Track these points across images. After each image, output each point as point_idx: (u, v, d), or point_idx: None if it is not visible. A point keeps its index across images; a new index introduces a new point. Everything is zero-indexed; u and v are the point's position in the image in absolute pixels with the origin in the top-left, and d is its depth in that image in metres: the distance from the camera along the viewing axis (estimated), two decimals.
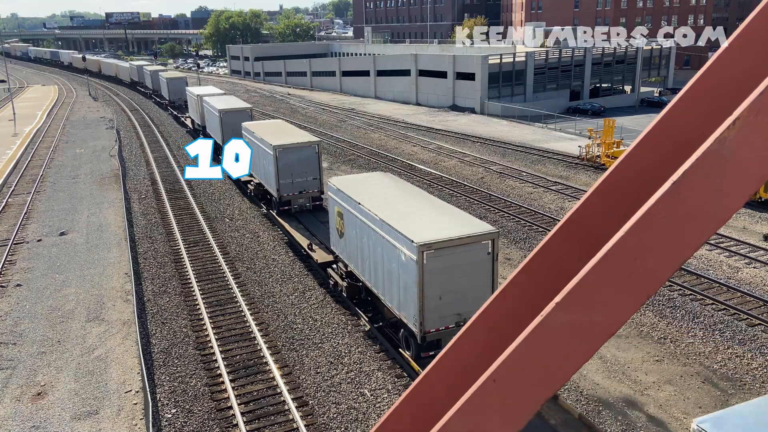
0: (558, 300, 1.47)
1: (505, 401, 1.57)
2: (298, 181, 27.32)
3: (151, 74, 77.50)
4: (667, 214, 1.37)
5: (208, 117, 42.86)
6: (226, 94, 48.13)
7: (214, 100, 41.85)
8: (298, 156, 27.21)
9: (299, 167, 27.29)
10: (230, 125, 36.76)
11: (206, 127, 44.43)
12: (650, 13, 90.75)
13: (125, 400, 15.66)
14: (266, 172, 28.66)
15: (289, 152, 26.93)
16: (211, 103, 40.84)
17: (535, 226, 27.69)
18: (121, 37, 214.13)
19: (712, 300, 19.93)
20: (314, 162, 27.50)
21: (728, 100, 1.46)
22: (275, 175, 26.94)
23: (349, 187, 19.14)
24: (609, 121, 38.22)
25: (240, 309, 20.38)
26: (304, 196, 27.61)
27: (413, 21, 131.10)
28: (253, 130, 30.89)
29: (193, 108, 49.96)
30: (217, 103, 40.48)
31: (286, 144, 27.01)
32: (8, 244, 27.01)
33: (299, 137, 28.90)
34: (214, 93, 47.56)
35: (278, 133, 29.83)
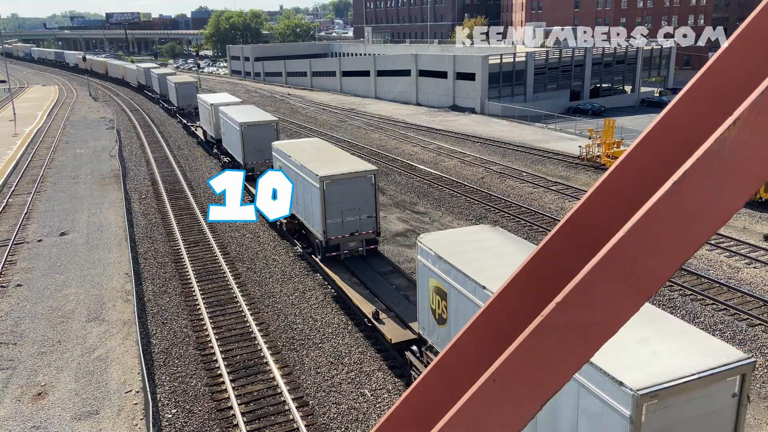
0: (558, 300, 1.46)
1: (506, 402, 1.57)
2: (350, 220, 21.83)
3: (158, 78, 71.35)
4: (668, 215, 1.37)
5: (225, 130, 37.97)
6: (244, 104, 43.96)
7: (233, 111, 36.86)
8: (351, 189, 21.68)
9: (351, 203, 21.77)
10: (253, 141, 32.92)
11: (222, 141, 39.79)
12: (650, 13, 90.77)
13: (125, 400, 15.67)
14: (307, 208, 23.12)
15: (339, 185, 21.37)
16: (230, 115, 35.90)
17: (536, 226, 27.69)
18: (121, 38, 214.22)
19: (713, 300, 19.94)
20: (370, 196, 21.99)
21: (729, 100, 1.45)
22: (321, 213, 21.31)
23: (453, 254, 13.62)
24: (609, 121, 38.22)
25: (240, 309, 20.39)
26: (356, 238, 22.15)
27: (413, 21, 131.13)
28: (289, 153, 24.86)
29: (205, 118, 44.92)
30: (236, 114, 35.50)
31: (335, 174, 21.41)
32: (9, 244, 27.02)
33: (350, 165, 23.00)
34: (230, 102, 42.63)
35: (321, 157, 24.08)
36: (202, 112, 47.03)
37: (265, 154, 31.45)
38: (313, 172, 21.63)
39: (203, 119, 46.68)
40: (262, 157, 32.50)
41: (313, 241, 23.25)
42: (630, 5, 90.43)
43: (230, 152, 37.17)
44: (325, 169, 21.64)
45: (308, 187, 22.42)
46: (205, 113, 44.69)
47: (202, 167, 41.38)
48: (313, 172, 21.63)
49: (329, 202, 21.18)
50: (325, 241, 21.52)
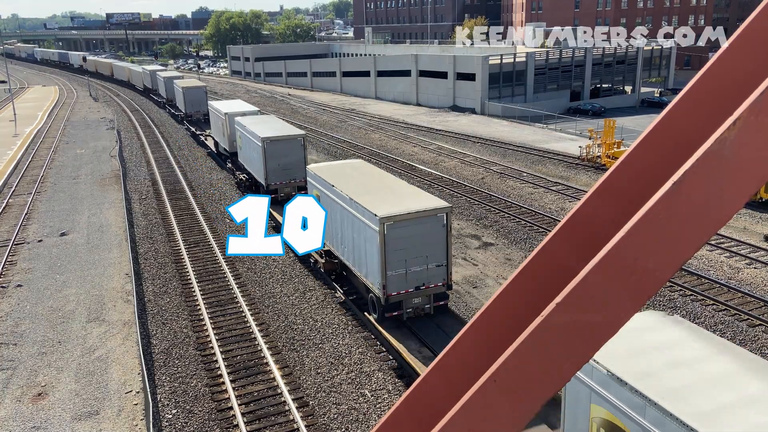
0: (558, 300, 1.47)
1: (506, 402, 1.57)
2: (416, 271, 17.15)
3: (164, 81, 65.50)
4: (668, 215, 1.37)
5: (243, 144, 33.14)
6: (262, 113, 40.00)
7: (253, 123, 32.19)
8: (417, 231, 16.93)
9: (418, 249, 17.03)
10: (277, 159, 28.48)
11: (238, 156, 35.13)
12: (650, 13, 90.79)
13: (126, 401, 15.67)
14: (357, 250, 18.42)
15: (403, 227, 16.71)
16: (249, 128, 31.02)
17: (536, 226, 27.69)
18: (121, 38, 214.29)
19: (713, 301, 19.93)
20: (440, 240, 17.22)
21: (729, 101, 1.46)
22: (380, 262, 16.76)
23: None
24: (609, 121, 38.22)
25: (240, 309, 20.39)
26: (422, 293, 17.58)
27: (414, 21, 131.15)
28: (331, 180, 20.02)
29: (218, 128, 40.31)
30: (257, 127, 30.75)
31: (398, 215, 16.63)
32: (9, 244, 27.03)
33: (416, 200, 17.78)
34: (247, 111, 37.83)
35: (375, 188, 19.23)
36: (213, 121, 42.24)
37: (291, 173, 28.47)
38: (368, 209, 17.06)
39: (215, 129, 42.10)
40: (287, 176, 28.68)
41: (366, 295, 19.02)
42: (630, 5, 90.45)
43: (248, 169, 32.58)
44: (384, 206, 17.07)
45: (358, 227, 17.99)
46: (218, 123, 39.97)
47: (202, 167, 41.39)
48: (368, 210, 17.05)
49: (391, 248, 16.69)
50: (385, 298, 17.11)
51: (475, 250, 25.35)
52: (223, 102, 45.48)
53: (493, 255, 24.79)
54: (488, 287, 21.83)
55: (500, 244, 25.96)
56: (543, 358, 1.50)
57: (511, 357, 1.51)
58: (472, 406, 1.57)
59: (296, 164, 28.51)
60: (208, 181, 37.65)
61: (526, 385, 1.53)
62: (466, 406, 1.57)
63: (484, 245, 25.84)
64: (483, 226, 28.07)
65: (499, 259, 24.41)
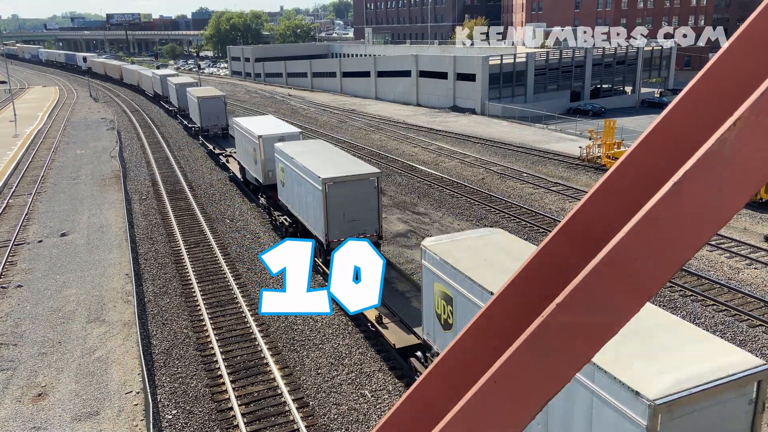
0: (558, 301, 1.46)
1: (506, 402, 1.57)
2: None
3: (177, 89, 57.75)
4: (668, 215, 1.37)
5: (288, 181, 24.67)
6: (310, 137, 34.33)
7: (301, 154, 23.80)
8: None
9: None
10: (343, 207, 20.87)
11: (279, 193, 26.70)
12: (650, 13, 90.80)
13: (126, 401, 15.67)
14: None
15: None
16: (298, 160, 22.95)
17: (536, 226, 27.69)
18: (121, 38, 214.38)
19: (713, 301, 19.92)
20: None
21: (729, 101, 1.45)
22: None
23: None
24: (609, 121, 38.22)
25: (240, 310, 20.39)
26: None
27: (414, 22, 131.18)
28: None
29: (246, 152, 31.89)
30: (310, 160, 22.70)
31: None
32: (9, 245, 27.03)
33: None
34: (287, 133, 29.25)
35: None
36: (240, 143, 33.75)
37: (361, 226, 21.35)
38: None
39: (242, 152, 33.60)
40: (355, 229, 21.17)
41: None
42: (630, 6, 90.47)
43: (295, 213, 24.55)
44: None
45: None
46: (247, 146, 31.55)
47: (202, 168, 41.40)
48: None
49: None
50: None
51: None
52: (252, 120, 35.41)
53: None
54: None
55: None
56: (543, 359, 1.50)
57: (511, 357, 1.51)
58: (472, 407, 1.57)
59: (368, 213, 21.57)
60: (208, 181, 37.65)
61: (527, 386, 1.53)
62: (466, 407, 1.57)
63: None
64: (483, 227, 28.07)
65: None
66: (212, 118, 46.61)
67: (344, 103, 74.24)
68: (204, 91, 50.92)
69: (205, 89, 53.53)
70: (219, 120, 46.72)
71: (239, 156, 34.89)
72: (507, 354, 1.51)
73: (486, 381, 1.53)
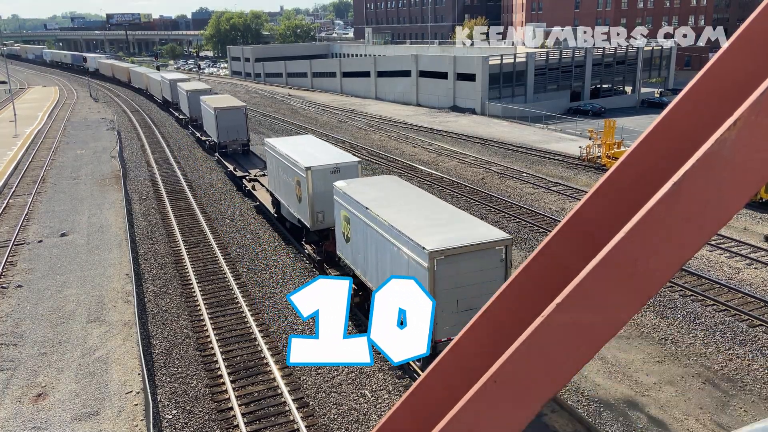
0: (558, 301, 1.46)
1: (507, 402, 1.57)
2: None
3: (188, 96, 49.73)
4: (668, 215, 1.37)
5: (360, 238, 17.82)
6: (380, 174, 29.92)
7: (377, 198, 17.71)
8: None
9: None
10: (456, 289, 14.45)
11: (341, 252, 19.91)
12: (650, 13, 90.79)
13: (126, 401, 15.67)
14: None
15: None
16: (379, 213, 16.24)
17: (536, 226, 27.69)
18: (121, 38, 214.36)
19: (713, 301, 19.92)
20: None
21: (729, 101, 1.45)
22: None
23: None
24: (609, 121, 38.22)
25: (241, 310, 20.39)
26: None
27: (414, 22, 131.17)
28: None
29: (285, 185, 24.95)
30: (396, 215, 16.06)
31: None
32: (9, 245, 27.03)
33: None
34: (343, 162, 22.35)
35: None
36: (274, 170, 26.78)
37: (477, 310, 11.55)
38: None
39: (277, 181, 26.59)
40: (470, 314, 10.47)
41: None
42: (630, 6, 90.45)
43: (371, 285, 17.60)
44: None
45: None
46: (285, 176, 24.74)
47: (202, 168, 41.39)
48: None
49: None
50: None
51: None
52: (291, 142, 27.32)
53: None
54: None
55: None
56: (543, 359, 1.50)
57: (511, 357, 1.51)
58: (472, 407, 1.57)
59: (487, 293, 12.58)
60: (208, 181, 37.65)
61: (527, 386, 1.53)
62: (467, 407, 1.57)
63: None
64: (482, 217, 28.06)
65: None
66: (231, 132, 39.45)
67: (344, 103, 74.24)
68: (221, 101, 43.19)
69: (223, 98, 45.85)
70: (239, 135, 39.45)
71: (273, 186, 27.74)
72: (507, 354, 1.51)
73: (486, 381, 1.53)
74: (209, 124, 42.40)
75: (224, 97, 47.67)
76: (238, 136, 39.67)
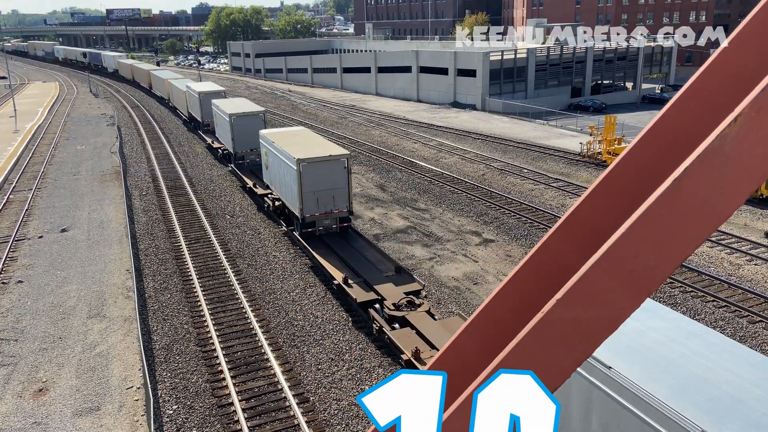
0: (559, 297, 1.47)
1: None
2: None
3: (232, 122, 35.60)
4: (669, 211, 1.37)
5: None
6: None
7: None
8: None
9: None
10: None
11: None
12: (652, 9, 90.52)
13: (126, 397, 15.70)
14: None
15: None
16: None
17: (536, 223, 27.68)
18: (121, 34, 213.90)
19: (713, 297, 19.93)
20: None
21: (729, 97, 1.45)
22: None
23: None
24: (610, 117, 38.17)
25: (241, 306, 20.41)
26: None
27: (414, 17, 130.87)
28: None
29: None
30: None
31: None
32: (9, 240, 27.04)
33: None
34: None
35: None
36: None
37: None
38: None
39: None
40: None
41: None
42: (631, 1, 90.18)
43: None
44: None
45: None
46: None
47: (202, 164, 41.35)
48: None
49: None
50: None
51: (475, 246, 25.34)
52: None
53: (493, 251, 24.79)
54: (489, 284, 21.84)
55: (501, 240, 25.96)
56: (543, 354, 1.50)
57: (512, 352, 1.51)
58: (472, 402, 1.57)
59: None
60: (209, 177, 37.63)
61: None
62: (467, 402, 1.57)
63: (485, 242, 25.83)
64: (483, 223, 28.07)
65: (499, 255, 24.41)
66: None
67: (344, 98, 74.13)
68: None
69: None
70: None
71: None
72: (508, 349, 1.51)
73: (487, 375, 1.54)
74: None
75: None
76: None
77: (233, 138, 35.98)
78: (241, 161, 36.26)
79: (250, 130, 34.31)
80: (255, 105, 39.99)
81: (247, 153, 36.08)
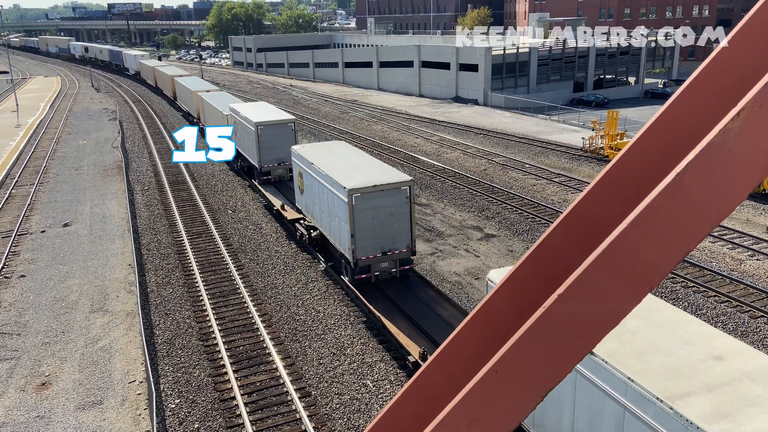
0: (560, 292, 1.46)
1: (507, 393, 1.57)
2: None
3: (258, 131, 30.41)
4: (671, 206, 1.37)
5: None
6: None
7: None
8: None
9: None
10: None
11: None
12: (654, 3, 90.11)
13: (129, 391, 15.76)
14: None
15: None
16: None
17: (538, 218, 27.67)
18: (123, 28, 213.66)
19: (715, 292, 19.92)
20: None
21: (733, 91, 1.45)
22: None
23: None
24: (612, 112, 38.08)
25: (243, 300, 20.45)
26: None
27: (416, 12, 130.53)
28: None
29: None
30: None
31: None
32: (12, 235, 27.10)
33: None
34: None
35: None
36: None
37: None
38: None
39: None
40: None
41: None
42: None
43: None
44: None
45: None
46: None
47: (207, 163, 41.35)
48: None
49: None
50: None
51: (477, 241, 25.35)
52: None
53: (495, 246, 24.79)
54: None
55: (502, 235, 25.96)
56: (544, 350, 1.50)
57: (512, 348, 1.51)
58: (473, 398, 1.57)
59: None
60: (210, 171, 37.65)
61: (528, 377, 1.54)
62: (468, 397, 1.57)
63: (487, 237, 25.84)
64: (485, 218, 28.06)
65: (501, 250, 24.41)
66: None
67: (346, 93, 74.03)
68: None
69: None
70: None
71: None
72: (508, 345, 1.51)
73: (487, 371, 1.53)
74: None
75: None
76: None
77: (259, 150, 30.59)
78: (267, 176, 31.19)
79: (278, 142, 30.13)
80: (284, 112, 34.58)
81: (274, 168, 31.07)
